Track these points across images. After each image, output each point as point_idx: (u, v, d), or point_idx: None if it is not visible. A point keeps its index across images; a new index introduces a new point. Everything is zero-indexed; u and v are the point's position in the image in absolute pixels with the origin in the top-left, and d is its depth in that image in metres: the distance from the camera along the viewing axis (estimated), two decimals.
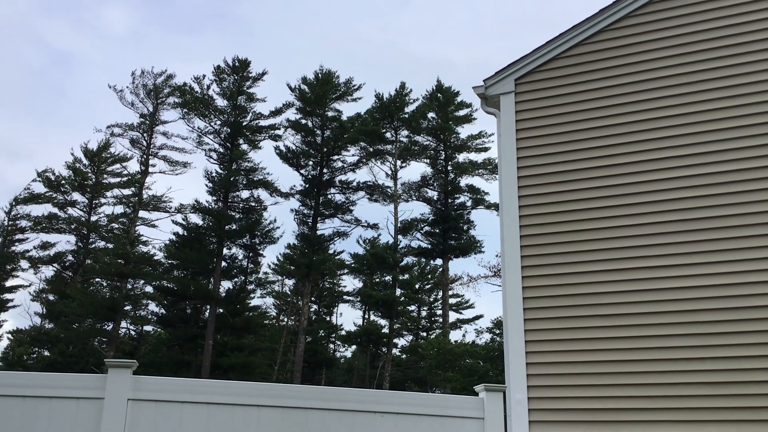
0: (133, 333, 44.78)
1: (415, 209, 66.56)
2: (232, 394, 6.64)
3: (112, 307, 39.01)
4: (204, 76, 44.12)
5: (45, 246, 46.59)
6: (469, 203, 45.99)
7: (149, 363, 35.65)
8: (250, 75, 44.61)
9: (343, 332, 49.38)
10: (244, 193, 44.16)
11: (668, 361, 7.11)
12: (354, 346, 49.61)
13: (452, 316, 46.66)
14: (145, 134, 44.72)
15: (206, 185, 43.16)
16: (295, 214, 44.73)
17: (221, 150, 43.91)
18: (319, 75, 45.83)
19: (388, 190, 46.04)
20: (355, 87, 45.93)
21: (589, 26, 8.46)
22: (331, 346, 53.09)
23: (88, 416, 6.38)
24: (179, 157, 45.13)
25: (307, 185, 44.69)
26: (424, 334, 49.41)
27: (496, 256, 39.36)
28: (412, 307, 49.40)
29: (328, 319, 53.02)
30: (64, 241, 49.83)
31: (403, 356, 48.03)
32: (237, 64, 44.46)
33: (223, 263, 42.31)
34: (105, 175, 47.79)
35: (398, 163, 46.34)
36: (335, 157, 45.63)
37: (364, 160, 46.09)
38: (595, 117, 8.17)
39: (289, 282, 50.60)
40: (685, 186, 7.58)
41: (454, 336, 43.20)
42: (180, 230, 42.65)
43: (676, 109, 7.88)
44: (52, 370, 34.75)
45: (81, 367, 36.56)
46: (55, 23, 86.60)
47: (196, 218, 43.38)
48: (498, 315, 42.07)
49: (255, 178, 43.59)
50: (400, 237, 44.65)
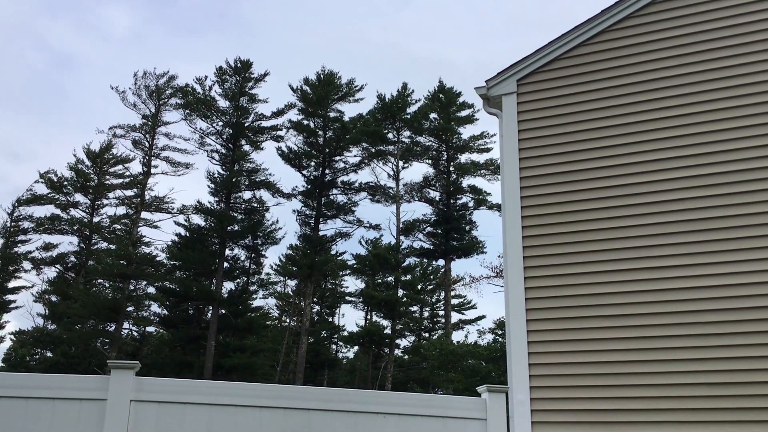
0: (135, 334, 44.82)
1: (417, 210, 66.79)
2: (235, 395, 6.64)
3: (115, 308, 39.06)
4: (206, 77, 44.31)
5: (47, 247, 46.67)
6: (471, 204, 46.06)
7: (151, 364, 35.67)
8: (252, 76, 44.69)
9: (346, 333, 49.45)
10: (246, 194, 44.29)
11: (672, 362, 7.10)
12: (356, 347, 49.67)
13: (454, 317, 46.71)
14: (148, 135, 44.80)
15: (208, 186, 43.28)
16: (297, 215, 44.85)
17: (223, 151, 44.01)
18: (321, 76, 45.86)
19: (390, 191, 46.08)
20: (357, 88, 45.98)
21: (591, 26, 8.45)
22: (334, 346, 53.12)
23: (91, 417, 6.39)
24: (181, 158, 45.26)
25: (309, 186, 44.73)
26: (427, 335, 49.39)
27: (499, 256, 39.39)
28: (415, 308, 49.40)
29: (331, 319, 53.05)
30: (67, 242, 50.10)
31: (406, 357, 48.05)
32: (239, 65, 44.53)
33: (226, 264, 42.35)
34: (107, 176, 47.87)
35: (400, 163, 46.39)
36: (337, 158, 45.68)
37: (366, 161, 46.15)
38: (598, 117, 8.16)
39: (292, 283, 50.70)
40: (690, 186, 7.57)
41: (457, 337, 43.25)
42: (182, 231, 42.79)
43: (680, 110, 7.86)
44: (55, 371, 34.80)
45: (83, 368, 36.58)
46: (58, 24, 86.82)
47: (198, 219, 43.53)
48: (500, 315, 42.02)
49: (257, 179, 43.65)
50: (402, 238, 44.69)
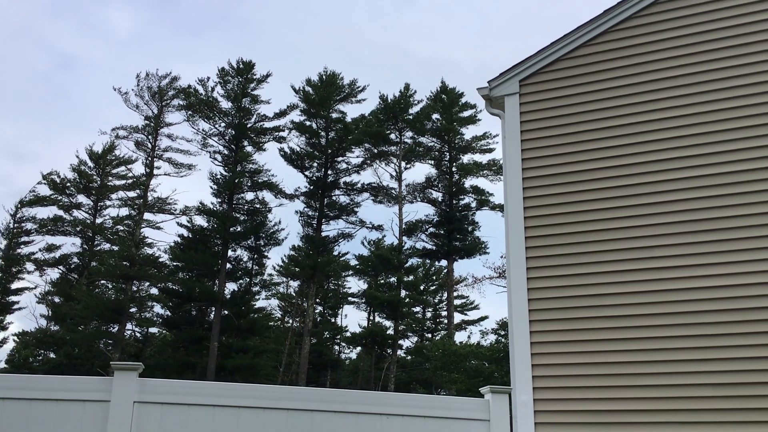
0: (138, 335, 44.84)
1: (419, 210, 66.76)
2: (238, 397, 6.64)
3: (118, 309, 39.10)
4: (208, 78, 44.31)
5: (50, 248, 46.69)
6: (473, 204, 46.01)
7: (154, 365, 35.71)
8: (255, 77, 44.70)
9: (348, 334, 49.48)
10: (249, 195, 44.29)
11: (676, 362, 7.09)
12: (359, 348, 49.66)
13: (457, 318, 46.63)
14: (150, 136, 44.84)
15: (211, 187, 43.29)
16: (299, 216, 44.82)
17: (226, 152, 44.02)
18: (324, 76, 45.86)
19: (393, 192, 46.07)
20: (360, 88, 45.96)
21: (594, 27, 8.44)
22: (336, 347, 53.11)
23: (94, 419, 6.39)
24: (184, 159, 45.27)
25: (312, 187, 44.73)
26: (429, 336, 49.39)
27: (501, 257, 39.34)
28: (417, 309, 49.40)
29: (333, 320, 53.03)
30: (70, 244, 50.15)
31: (408, 358, 48.03)
32: (241, 66, 44.55)
33: (228, 265, 42.37)
34: (110, 178, 47.90)
35: (403, 164, 46.36)
36: (340, 159, 45.68)
37: (369, 162, 46.15)
38: (601, 118, 8.15)
39: (294, 284, 50.76)
40: (695, 186, 7.55)
41: (459, 337, 43.16)
42: (185, 232, 42.82)
43: (684, 110, 7.84)
44: (58, 373, 34.83)
45: (86, 370, 36.62)
46: (60, 26, 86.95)
47: (200, 220, 43.56)
48: (503, 316, 41.95)
49: (259, 180, 43.67)
50: (404, 238, 44.68)
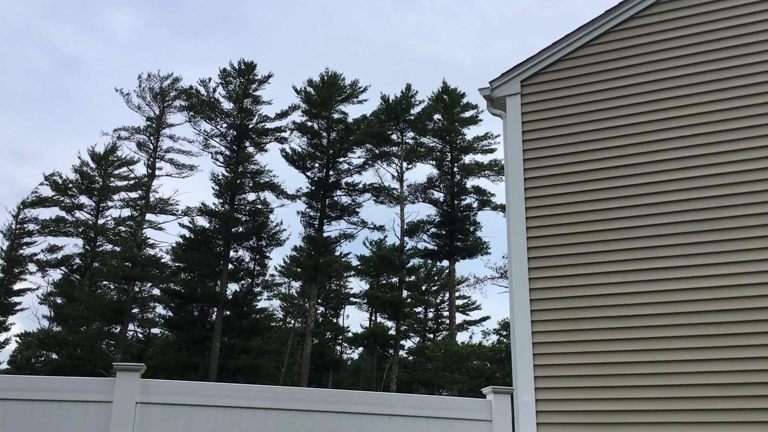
0: (140, 336, 44.88)
1: (421, 211, 66.79)
2: (240, 397, 6.65)
3: (120, 310, 39.14)
4: (210, 79, 44.34)
5: (52, 249, 46.74)
6: (475, 204, 45.98)
7: (156, 365, 35.73)
8: (256, 78, 44.72)
9: (350, 334, 49.48)
10: (251, 196, 44.34)
11: (679, 363, 7.08)
12: (361, 348, 49.65)
13: (459, 318, 46.59)
14: (152, 137, 44.90)
15: (213, 188, 43.34)
16: (301, 217, 44.84)
17: (227, 153, 44.04)
18: (325, 77, 45.87)
19: (394, 192, 46.07)
20: (361, 89, 45.98)
21: (595, 27, 8.43)
22: (338, 348, 53.14)
23: (97, 420, 6.40)
24: (186, 160, 45.32)
25: (314, 187, 44.75)
26: (431, 336, 49.37)
27: (503, 257, 39.33)
28: (419, 309, 49.38)
29: (335, 321, 53.02)
30: (72, 245, 50.23)
31: (410, 358, 48.03)
32: (243, 67, 44.57)
33: (230, 266, 42.41)
34: (112, 179, 47.95)
35: (404, 164, 46.36)
36: (341, 159, 45.69)
37: (370, 162, 46.16)
38: (603, 118, 8.14)
39: (296, 284, 50.76)
40: (697, 186, 7.53)
41: (461, 337, 43.09)
42: (187, 233, 42.86)
43: (687, 110, 7.83)
44: (60, 374, 34.85)
45: (89, 370, 36.64)
46: (62, 27, 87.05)
47: (202, 221, 43.60)
48: (505, 316, 41.87)
49: (261, 181, 43.69)
50: (406, 239, 44.68)
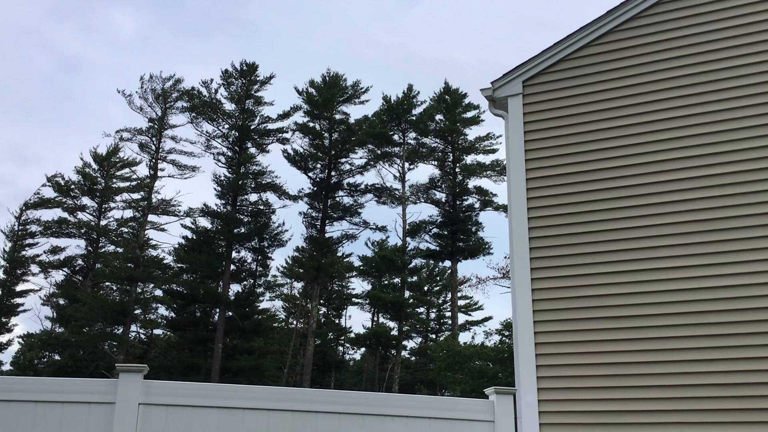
0: (143, 336, 44.96)
1: (423, 211, 66.62)
2: (243, 398, 6.65)
3: (122, 311, 39.18)
4: (212, 80, 44.42)
5: (55, 250, 46.84)
6: (477, 205, 45.98)
7: (159, 366, 35.72)
8: (258, 78, 44.76)
9: (352, 335, 49.51)
10: (253, 197, 44.36)
11: (681, 363, 7.06)
12: (363, 349, 49.71)
13: (461, 318, 46.65)
14: (154, 138, 44.94)
15: (215, 189, 43.35)
16: (303, 217, 44.86)
17: (229, 153, 44.07)
18: (327, 78, 45.91)
19: (396, 193, 46.08)
20: (363, 89, 46.02)
21: (597, 27, 8.42)
22: (341, 348, 53.19)
23: (99, 421, 6.40)
24: (188, 161, 45.41)
25: (315, 188, 44.78)
26: (433, 336, 49.40)
27: (505, 257, 39.29)
28: (421, 309, 49.43)
29: (337, 321, 53.10)
30: (74, 246, 50.00)
31: (412, 358, 48.09)
32: (245, 68, 44.62)
33: (232, 266, 42.42)
34: (114, 180, 48.02)
35: (406, 165, 46.37)
36: (343, 160, 45.70)
37: (372, 163, 46.16)
38: (606, 118, 8.13)
39: (298, 285, 50.77)
40: (700, 186, 7.51)
41: (463, 338, 43.13)
42: (189, 234, 42.87)
43: (689, 110, 7.81)
44: (63, 375, 34.89)
45: (91, 371, 36.67)
46: (64, 28, 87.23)
47: (204, 222, 43.64)
48: (507, 316, 41.85)
49: (263, 182, 43.72)
50: (408, 239, 44.65)
